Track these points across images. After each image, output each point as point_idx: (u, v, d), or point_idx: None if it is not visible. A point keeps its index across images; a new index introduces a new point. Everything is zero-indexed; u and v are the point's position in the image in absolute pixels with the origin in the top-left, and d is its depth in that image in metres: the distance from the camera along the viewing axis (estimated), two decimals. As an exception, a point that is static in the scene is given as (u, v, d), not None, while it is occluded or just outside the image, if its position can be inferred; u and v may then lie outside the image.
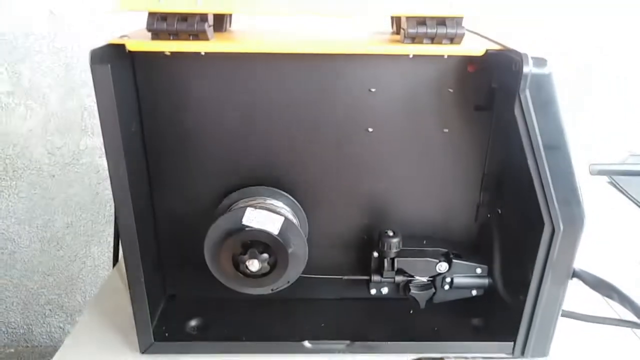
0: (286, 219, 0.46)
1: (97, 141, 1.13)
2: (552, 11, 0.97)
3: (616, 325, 0.50)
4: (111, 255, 1.28)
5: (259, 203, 0.49)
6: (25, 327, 1.33)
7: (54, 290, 1.28)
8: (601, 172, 0.83)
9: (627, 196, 0.84)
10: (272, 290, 0.48)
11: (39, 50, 1.03)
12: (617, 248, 0.71)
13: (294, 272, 0.48)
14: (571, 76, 0.98)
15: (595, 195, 0.84)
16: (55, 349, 0.50)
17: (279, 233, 0.46)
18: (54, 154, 1.14)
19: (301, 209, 0.51)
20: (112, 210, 1.20)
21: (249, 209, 0.46)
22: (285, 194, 0.51)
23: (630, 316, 0.49)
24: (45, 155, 1.14)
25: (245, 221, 0.46)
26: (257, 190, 0.51)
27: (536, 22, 0.97)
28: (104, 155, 1.22)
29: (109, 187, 1.28)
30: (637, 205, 0.82)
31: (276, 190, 0.51)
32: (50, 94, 1.08)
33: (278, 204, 0.50)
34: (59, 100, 1.09)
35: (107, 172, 1.23)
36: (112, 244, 1.25)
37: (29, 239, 1.22)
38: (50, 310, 1.31)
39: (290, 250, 0.46)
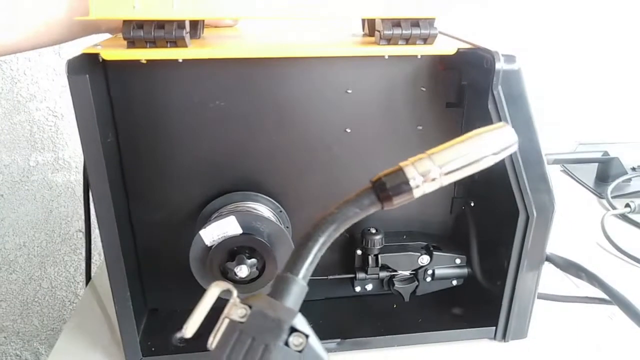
0: (238, 213, 0.46)
1: (48, 157, 1.08)
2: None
3: (586, 302, 0.53)
4: (69, 275, 1.23)
5: (227, 213, 0.48)
6: (-23, 358, 1.25)
7: (8, 317, 1.22)
8: (556, 161, 0.88)
9: (578, 182, 0.90)
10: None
11: (-19, 63, 0.98)
12: (574, 230, 0.75)
13: (282, 254, 0.47)
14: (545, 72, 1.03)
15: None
16: (11, 379, 0.48)
17: (245, 229, 0.46)
18: (2, 172, 1.08)
19: (283, 210, 0.51)
20: (68, 229, 1.16)
21: (201, 232, 0.45)
22: (267, 197, 0.51)
23: (597, 294, 0.52)
24: (-8, 173, 1.07)
25: (208, 242, 0.46)
26: (237, 197, 0.50)
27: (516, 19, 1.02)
28: (56, 170, 1.17)
29: (63, 203, 1.22)
30: (588, 189, 0.87)
31: (257, 194, 0.51)
32: (-6, 108, 1.03)
33: (259, 207, 0.50)
34: (5, 115, 1.03)
35: (60, 189, 1.18)
36: (68, 264, 1.20)
37: (-23, 263, 1.15)
38: (5, 337, 1.24)
39: (264, 235, 0.46)
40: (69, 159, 1.09)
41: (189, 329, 0.26)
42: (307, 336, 0.24)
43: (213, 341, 0.24)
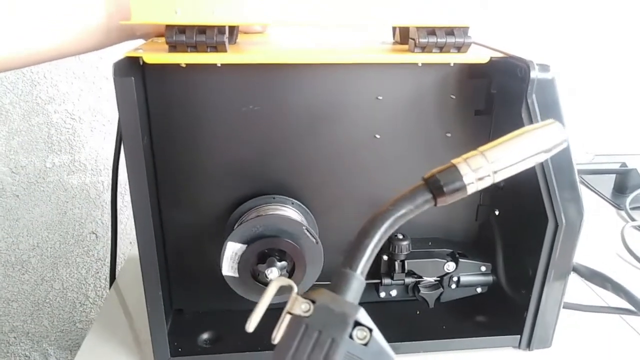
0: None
1: (64, 159, 1.09)
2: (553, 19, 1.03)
3: (612, 313, 0.54)
4: (80, 276, 1.23)
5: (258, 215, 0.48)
6: (-14, 357, 1.25)
7: (19, 317, 1.22)
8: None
9: (595, 192, 0.90)
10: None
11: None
12: (593, 241, 0.75)
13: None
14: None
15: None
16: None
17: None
18: (18, 173, 1.09)
19: (311, 215, 0.52)
20: (82, 230, 1.16)
21: (223, 270, 0.46)
22: (296, 201, 0.51)
23: (621, 304, 0.52)
24: (8, 174, 1.08)
25: (227, 272, 0.46)
26: (266, 200, 0.51)
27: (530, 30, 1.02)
28: (72, 172, 1.18)
29: (78, 205, 1.22)
30: (606, 200, 0.87)
31: (286, 198, 0.51)
32: (13, 110, 1.04)
33: (288, 211, 0.50)
34: (24, 116, 1.04)
35: (75, 191, 1.19)
36: (80, 266, 1.21)
37: (-10, 263, 1.15)
38: (14, 337, 1.24)
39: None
40: (85, 162, 1.09)
41: (252, 323, 0.26)
42: (371, 330, 0.25)
43: (276, 335, 0.25)
